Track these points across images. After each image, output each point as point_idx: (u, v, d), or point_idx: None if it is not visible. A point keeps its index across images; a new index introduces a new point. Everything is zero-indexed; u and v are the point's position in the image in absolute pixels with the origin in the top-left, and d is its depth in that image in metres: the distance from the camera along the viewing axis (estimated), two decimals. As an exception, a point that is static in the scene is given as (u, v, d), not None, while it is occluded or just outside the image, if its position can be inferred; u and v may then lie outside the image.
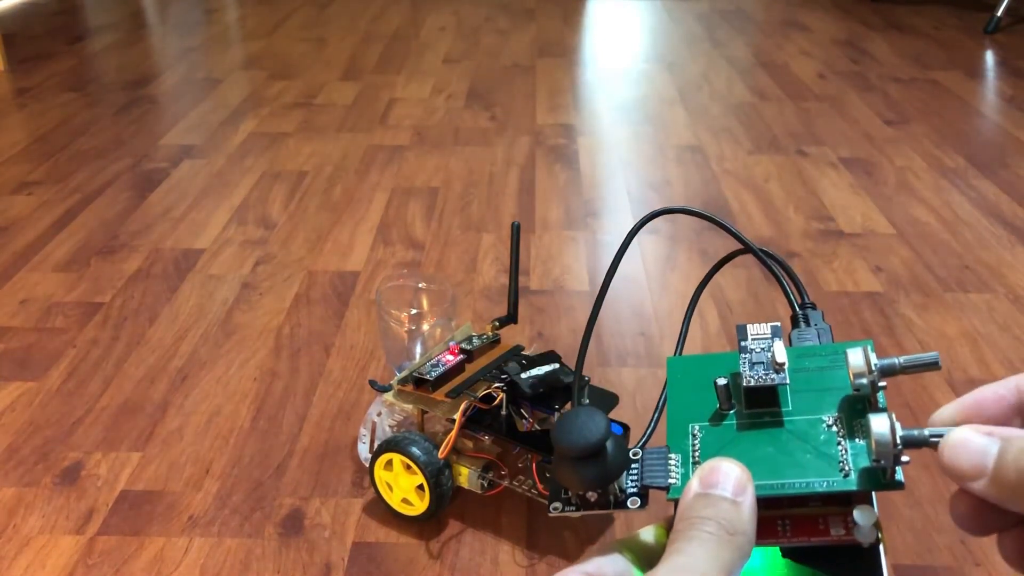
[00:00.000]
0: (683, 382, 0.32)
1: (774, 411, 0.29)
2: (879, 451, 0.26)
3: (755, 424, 0.29)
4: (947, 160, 1.35)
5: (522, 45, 2.00)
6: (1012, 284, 1.00)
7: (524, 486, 0.63)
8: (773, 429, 0.29)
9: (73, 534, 0.66)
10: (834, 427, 0.28)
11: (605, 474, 0.28)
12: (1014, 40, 2.01)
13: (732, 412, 0.30)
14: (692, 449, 0.29)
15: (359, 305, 0.96)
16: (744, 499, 0.26)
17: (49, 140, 1.43)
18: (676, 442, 0.30)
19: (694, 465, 0.29)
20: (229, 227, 1.14)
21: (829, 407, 0.29)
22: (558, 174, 1.30)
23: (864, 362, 0.28)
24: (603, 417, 0.28)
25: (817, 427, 0.28)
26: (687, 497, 0.26)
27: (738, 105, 1.60)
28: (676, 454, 0.29)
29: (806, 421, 0.29)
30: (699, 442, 0.29)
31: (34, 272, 1.03)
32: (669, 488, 0.28)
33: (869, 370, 0.28)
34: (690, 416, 0.30)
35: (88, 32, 2.11)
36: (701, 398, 0.31)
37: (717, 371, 0.31)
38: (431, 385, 0.64)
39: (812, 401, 0.29)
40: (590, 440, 0.28)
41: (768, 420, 0.29)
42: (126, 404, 0.80)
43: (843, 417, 0.29)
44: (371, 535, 0.66)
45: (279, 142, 1.42)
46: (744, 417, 0.30)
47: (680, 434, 0.30)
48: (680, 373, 0.32)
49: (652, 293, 0.98)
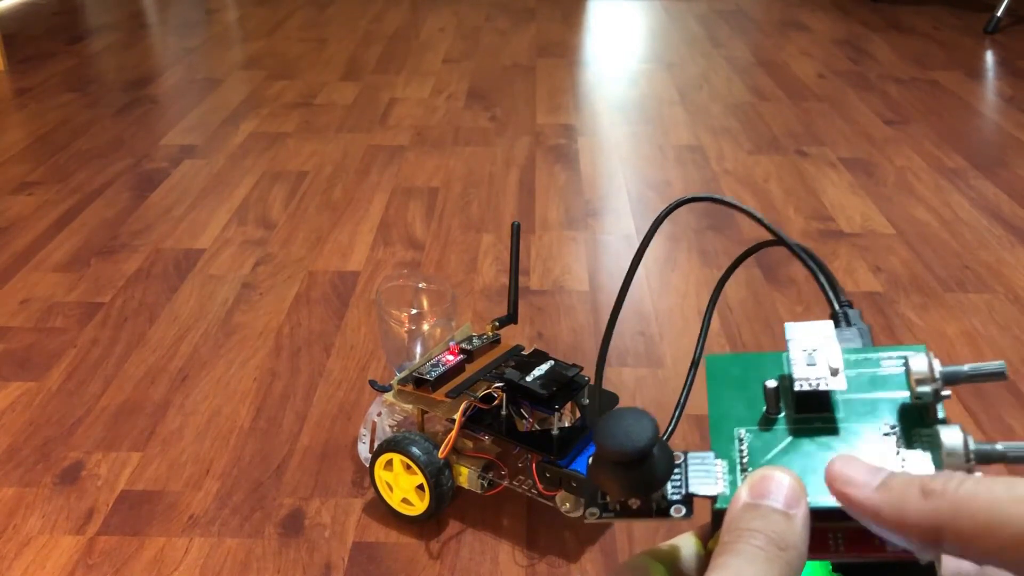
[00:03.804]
0: (724, 383, 0.30)
1: (826, 416, 0.28)
2: (951, 465, 0.25)
3: (806, 430, 0.28)
4: (947, 160, 1.35)
5: (522, 45, 2.00)
6: (1012, 284, 1.00)
7: (524, 486, 0.63)
8: (826, 437, 0.27)
9: (73, 534, 0.66)
10: (891, 436, 0.27)
11: (651, 481, 0.26)
12: (1014, 40, 2.01)
13: (780, 416, 0.28)
14: (739, 456, 0.27)
15: (359, 305, 0.96)
16: (797, 511, 0.24)
17: (49, 140, 1.44)
18: (721, 447, 0.28)
19: (742, 473, 0.27)
20: (229, 227, 1.14)
21: (884, 414, 0.27)
22: (558, 174, 1.30)
23: (928, 369, 0.27)
24: (651, 420, 0.26)
25: (873, 435, 0.27)
26: (735, 507, 0.25)
27: (738, 105, 1.60)
28: (722, 460, 0.27)
29: (860, 428, 0.27)
30: (746, 447, 0.28)
31: (34, 272, 1.03)
32: (717, 497, 0.27)
33: (933, 378, 0.27)
34: (735, 420, 0.28)
35: (88, 32, 2.11)
36: (746, 401, 0.29)
37: (761, 371, 0.29)
38: (431, 385, 0.64)
39: (865, 407, 0.28)
40: (637, 445, 0.26)
41: (819, 426, 0.27)
42: (126, 404, 0.80)
43: (900, 426, 0.27)
44: (371, 535, 0.66)
45: (279, 142, 1.43)
46: (794, 422, 0.28)
47: (725, 439, 0.28)
48: (720, 373, 0.30)
49: (652, 293, 0.98)
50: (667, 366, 0.86)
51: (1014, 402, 0.81)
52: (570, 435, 0.62)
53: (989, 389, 0.82)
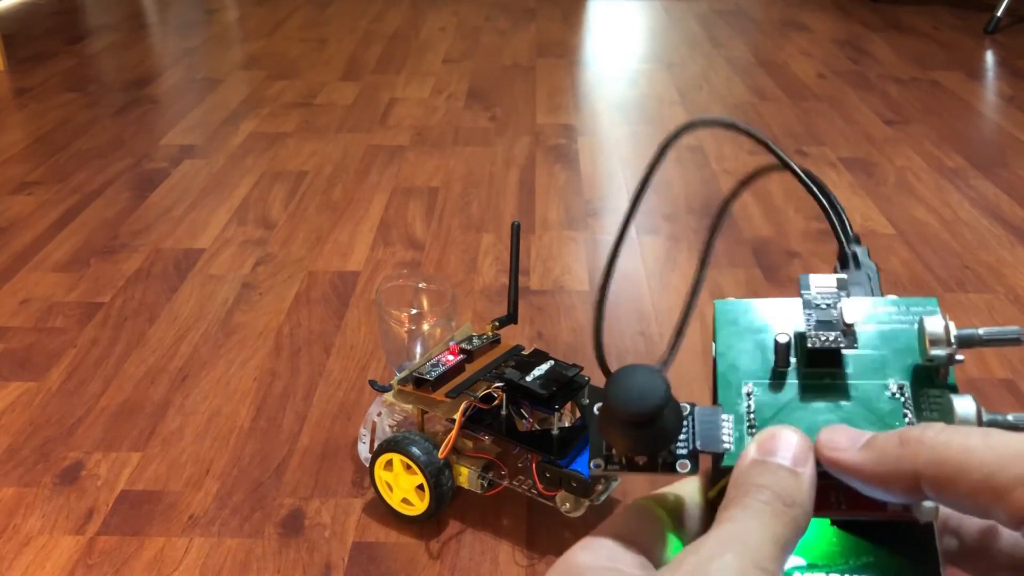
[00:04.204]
0: (733, 330, 0.29)
1: (835, 372, 0.27)
2: None
3: (815, 386, 0.27)
4: (947, 160, 1.35)
5: (522, 45, 2.00)
6: (1012, 284, 1.00)
7: (524, 486, 0.63)
8: (835, 395, 0.27)
9: (73, 534, 0.66)
10: (898, 395, 0.27)
11: (660, 440, 0.26)
12: (1014, 40, 2.01)
13: (790, 370, 0.28)
14: (747, 411, 0.27)
15: (359, 305, 0.96)
16: (804, 470, 0.24)
17: (49, 140, 1.43)
18: (728, 400, 0.28)
19: (749, 429, 0.27)
20: (229, 227, 1.14)
21: (893, 372, 0.27)
22: (558, 174, 1.30)
23: (943, 331, 0.26)
24: (663, 379, 0.26)
25: (881, 395, 0.27)
26: (743, 463, 0.25)
27: (738, 105, 1.60)
28: (729, 415, 0.27)
29: (870, 387, 0.27)
30: (754, 402, 0.27)
31: (34, 272, 1.03)
32: (724, 454, 0.27)
33: (948, 341, 0.26)
34: (743, 372, 0.28)
35: (88, 32, 2.11)
36: (754, 351, 0.28)
37: (771, 320, 0.29)
38: (431, 385, 0.64)
39: (875, 363, 0.27)
40: (649, 406, 0.26)
41: (828, 382, 0.27)
42: (126, 404, 0.80)
43: (908, 385, 0.27)
44: (371, 535, 0.66)
45: (279, 142, 1.42)
46: (803, 377, 0.28)
47: (733, 393, 0.28)
48: (729, 319, 0.29)
49: (652, 292, 0.98)
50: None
51: (1014, 402, 0.81)
52: (570, 435, 0.62)
53: (989, 388, 0.82)
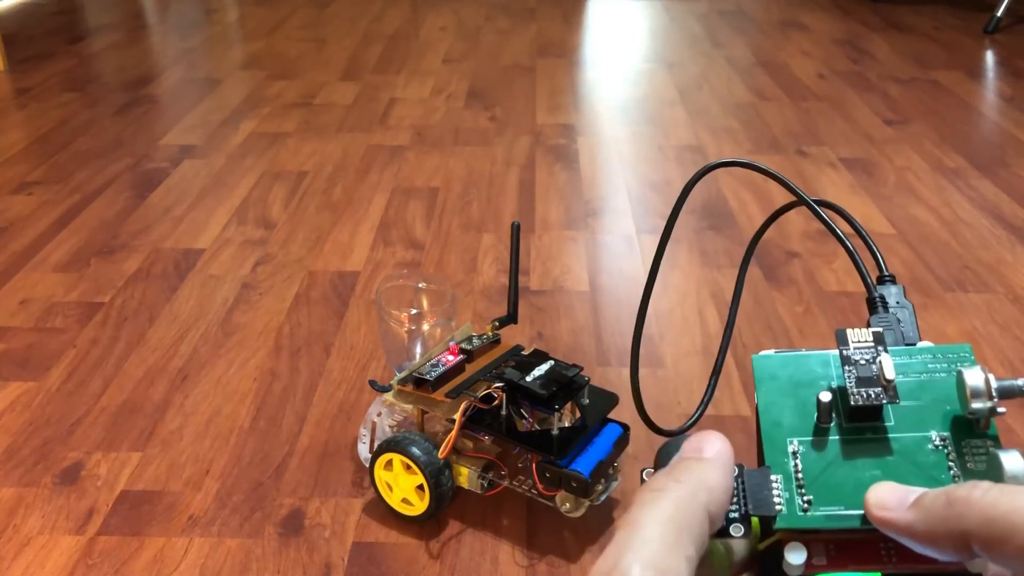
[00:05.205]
0: (774, 387, 0.29)
1: (876, 426, 0.28)
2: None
3: (858, 440, 0.28)
4: (947, 160, 1.35)
5: (522, 45, 2.00)
6: (1012, 284, 1.00)
7: (524, 486, 0.63)
8: (878, 448, 0.27)
9: (73, 534, 0.66)
10: (941, 447, 0.27)
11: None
12: (1014, 40, 2.01)
13: (832, 426, 0.28)
14: (794, 471, 0.27)
15: (359, 305, 0.96)
16: (708, 454, 0.26)
17: (49, 140, 1.43)
18: (776, 461, 0.28)
19: (798, 490, 0.27)
20: (229, 227, 1.14)
21: (933, 423, 0.27)
22: (558, 174, 1.30)
23: (984, 384, 0.26)
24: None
25: (923, 447, 0.27)
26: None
27: (738, 105, 1.60)
28: (777, 475, 0.27)
29: (911, 439, 0.27)
30: (800, 461, 0.28)
31: (34, 272, 1.03)
32: (776, 517, 0.27)
33: (990, 395, 0.26)
34: (787, 429, 0.28)
35: (88, 32, 2.11)
36: (796, 407, 0.29)
37: (810, 374, 0.29)
38: (431, 385, 0.64)
39: (914, 414, 0.28)
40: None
41: (870, 436, 0.28)
42: (126, 404, 0.80)
43: (951, 437, 0.27)
44: (371, 535, 0.66)
45: (279, 142, 1.42)
46: (844, 432, 0.28)
47: (779, 452, 0.28)
48: (769, 376, 0.30)
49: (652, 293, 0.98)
50: (667, 366, 0.85)
51: (1013, 401, 0.81)
52: (570, 435, 0.62)
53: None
